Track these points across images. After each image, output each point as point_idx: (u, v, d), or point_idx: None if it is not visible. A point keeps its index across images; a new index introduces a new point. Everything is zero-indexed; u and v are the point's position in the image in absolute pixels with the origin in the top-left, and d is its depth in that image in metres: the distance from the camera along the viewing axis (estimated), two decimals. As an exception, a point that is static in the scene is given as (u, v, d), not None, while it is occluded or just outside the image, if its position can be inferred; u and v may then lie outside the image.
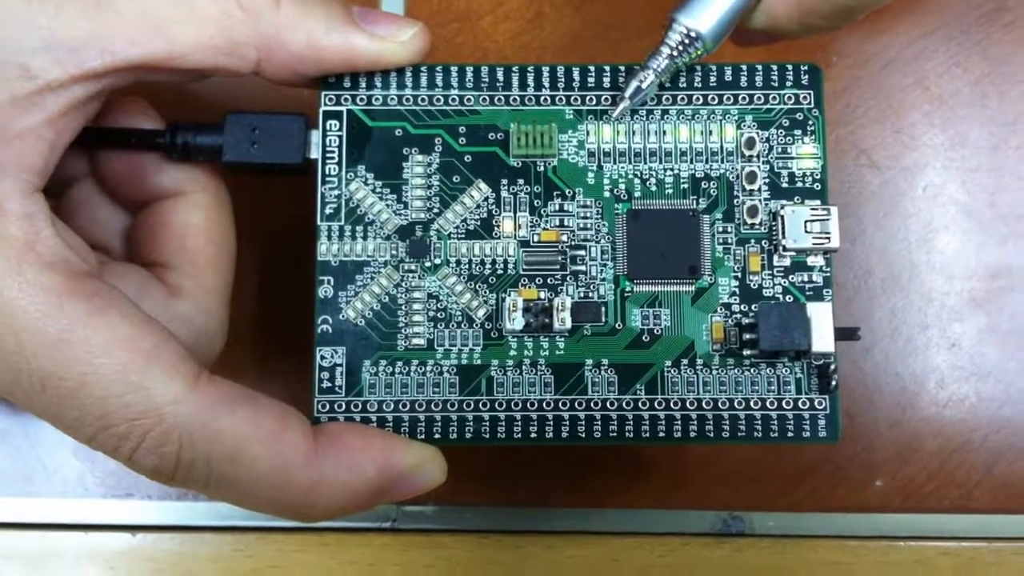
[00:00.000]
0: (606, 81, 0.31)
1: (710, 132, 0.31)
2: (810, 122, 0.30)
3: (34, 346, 0.25)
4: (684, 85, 0.31)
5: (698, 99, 0.31)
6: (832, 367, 0.29)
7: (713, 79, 0.31)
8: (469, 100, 0.31)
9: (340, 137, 0.30)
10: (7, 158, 0.26)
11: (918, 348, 0.37)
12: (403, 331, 0.30)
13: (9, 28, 0.26)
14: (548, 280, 0.30)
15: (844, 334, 0.29)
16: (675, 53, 0.29)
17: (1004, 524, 0.36)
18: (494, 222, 0.30)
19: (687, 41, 0.29)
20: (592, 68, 0.31)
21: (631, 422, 0.29)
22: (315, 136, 0.31)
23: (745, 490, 0.36)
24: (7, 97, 0.26)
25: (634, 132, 0.31)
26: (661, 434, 0.29)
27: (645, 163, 0.30)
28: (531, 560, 0.36)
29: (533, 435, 0.29)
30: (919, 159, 0.37)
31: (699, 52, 0.30)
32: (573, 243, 0.30)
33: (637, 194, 0.30)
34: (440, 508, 0.36)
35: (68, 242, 0.27)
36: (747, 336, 0.29)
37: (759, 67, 0.31)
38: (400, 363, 0.30)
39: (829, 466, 0.36)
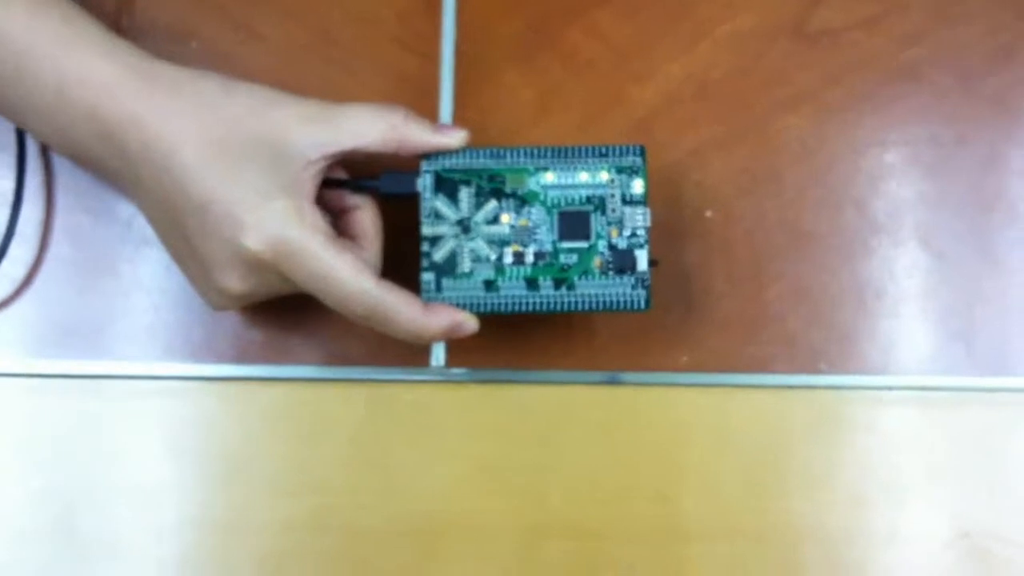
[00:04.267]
0: (549, 154, 0.60)
1: (595, 176, 0.60)
2: (639, 170, 0.61)
3: (316, 265, 0.57)
4: (585, 155, 0.63)
5: (590, 161, 0.60)
6: (646, 278, 0.62)
7: (599, 152, 0.61)
8: (487, 163, 0.60)
9: (431, 181, 0.60)
10: (303, 190, 0.55)
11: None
12: (460, 265, 0.60)
13: (298, 139, 0.55)
14: (523, 241, 0.60)
15: (652, 263, 0.63)
16: None
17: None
18: (499, 217, 0.61)
19: None
20: (541, 149, 0.60)
21: (559, 302, 0.60)
22: (419, 181, 0.60)
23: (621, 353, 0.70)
24: (303, 164, 0.56)
25: (561, 177, 0.62)
26: (572, 307, 0.60)
27: (566, 190, 0.60)
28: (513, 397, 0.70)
29: (516, 308, 0.61)
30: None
31: None
32: (534, 226, 0.61)
33: (563, 204, 0.62)
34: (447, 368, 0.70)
35: (326, 223, 0.60)
36: (610, 264, 0.61)
37: (619, 148, 0.60)
38: (458, 279, 0.60)
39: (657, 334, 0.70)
